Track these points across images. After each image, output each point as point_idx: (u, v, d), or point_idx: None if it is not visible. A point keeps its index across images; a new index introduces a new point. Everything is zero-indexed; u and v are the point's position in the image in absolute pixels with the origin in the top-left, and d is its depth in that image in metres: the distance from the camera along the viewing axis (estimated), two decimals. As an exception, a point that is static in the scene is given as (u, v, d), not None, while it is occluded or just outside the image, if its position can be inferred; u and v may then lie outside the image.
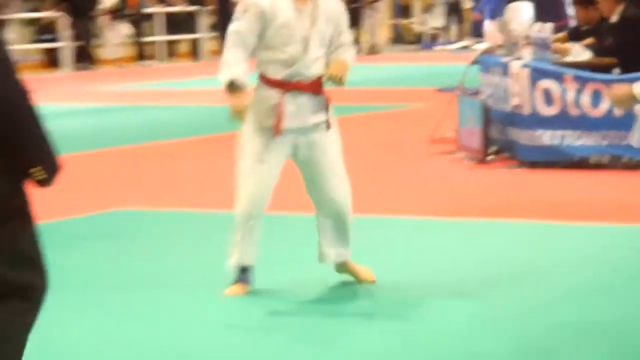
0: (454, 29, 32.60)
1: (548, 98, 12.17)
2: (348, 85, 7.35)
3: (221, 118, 8.36)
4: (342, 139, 7.39)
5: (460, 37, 32.28)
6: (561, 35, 14.12)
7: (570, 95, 12.06)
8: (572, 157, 12.09)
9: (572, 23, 16.34)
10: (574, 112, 12.09)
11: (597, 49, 12.91)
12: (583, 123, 12.05)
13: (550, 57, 12.63)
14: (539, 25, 13.07)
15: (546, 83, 12.20)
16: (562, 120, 12.10)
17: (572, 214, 9.82)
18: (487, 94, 12.87)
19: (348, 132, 8.22)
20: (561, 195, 10.81)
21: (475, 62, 14.25)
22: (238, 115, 7.20)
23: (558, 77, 12.12)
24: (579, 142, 12.08)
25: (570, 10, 16.85)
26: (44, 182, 4.38)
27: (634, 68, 11.72)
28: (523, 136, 12.31)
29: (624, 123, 11.80)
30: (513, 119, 12.43)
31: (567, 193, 10.92)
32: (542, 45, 12.46)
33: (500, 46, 13.42)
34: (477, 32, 29.88)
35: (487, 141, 12.53)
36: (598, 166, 12.19)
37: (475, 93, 13.40)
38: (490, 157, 12.41)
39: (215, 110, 16.04)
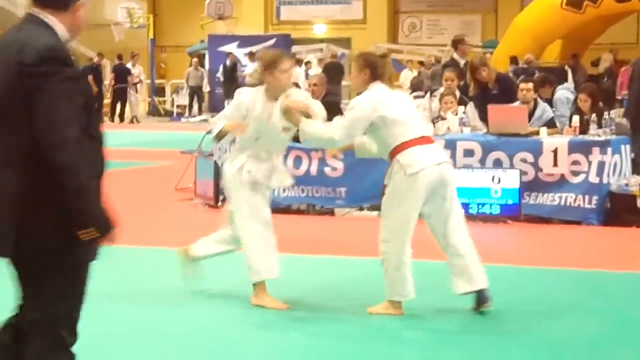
0: (195, 106, 32.63)
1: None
2: (115, 146, 7.30)
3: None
4: (112, 189, 7.33)
5: (199, 112, 32.33)
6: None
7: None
8: (280, 204, 12.27)
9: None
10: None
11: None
12: (288, 179, 12.23)
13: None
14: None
15: (262, 149, 12.35)
16: (273, 177, 12.26)
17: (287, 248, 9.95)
18: (218, 155, 12.96)
19: (117, 183, 8.15)
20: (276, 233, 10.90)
21: (209, 131, 14.31)
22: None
23: (270, 145, 12.28)
24: (284, 194, 12.26)
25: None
26: (94, 239, 3.95)
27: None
28: (244, 188, 12.43)
29: (318, 180, 12.04)
30: (237, 175, 12.54)
31: (281, 231, 11.03)
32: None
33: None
34: (212, 108, 30.06)
35: (218, 191, 12.62)
36: (298, 211, 12.41)
37: (210, 154, 13.47)
38: (220, 203, 12.47)
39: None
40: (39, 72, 3.85)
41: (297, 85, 14.85)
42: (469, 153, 11.66)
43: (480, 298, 7.14)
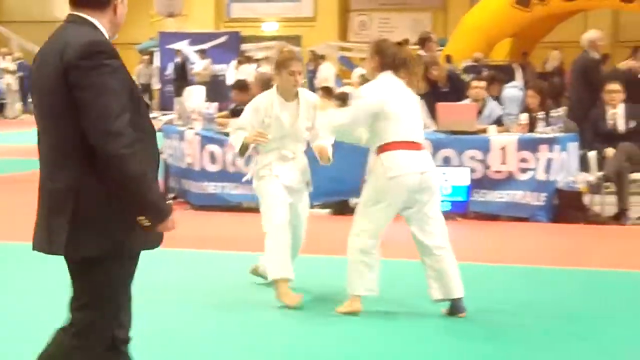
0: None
1: (213, 158, 12.31)
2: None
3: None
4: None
5: (150, 110, 32.16)
6: (225, 112, 14.30)
7: (229, 156, 12.23)
8: (230, 202, 12.25)
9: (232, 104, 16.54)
10: (231, 169, 12.25)
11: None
12: (238, 177, 12.22)
13: (215, 128, 12.77)
14: (207, 104, 13.23)
15: (211, 147, 12.34)
16: (223, 175, 12.24)
17: (238, 246, 9.95)
18: (168, 154, 12.91)
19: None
20: (221, 231, 10.91)
21: (159, 130, 14.26)
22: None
23: (220, 143, 12.27)
24: (235, 192, 12.24)
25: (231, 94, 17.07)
26: (148, 228, 3.99)
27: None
28: (194, 186, 12.40)
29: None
30: (187, 173, 12.51)
31: (226, 229, 11.03)
32: (209, 119, 12.60)
33: (178, 118, 13.50)
34: (162, 106, 29.91)
35: (167, 189, 12.57)
36: (249, 209, 12.38)
37: (160, 153, 13.39)
38: (169, 202, 12.40)
39: None
40: (83, 67, 3.91)
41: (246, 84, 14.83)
42: (418, 150, 11.68)
43: (455, 307, 7.03)
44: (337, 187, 11.60)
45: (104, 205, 3.96)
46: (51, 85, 3.97)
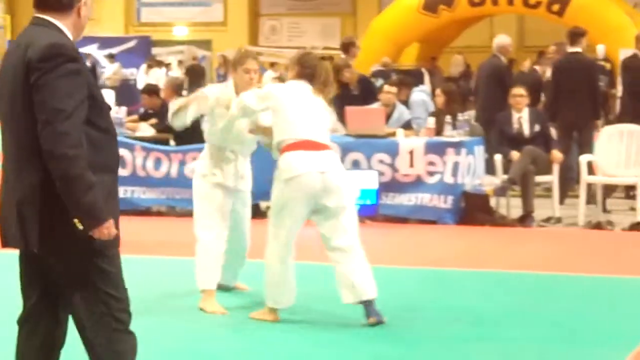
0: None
1: (122, 163, 12.21)
2: None
3: None
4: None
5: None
6: (134, 117, 14.24)
7: (139, 161, 12.16)
8: (139, 206, 12.18)
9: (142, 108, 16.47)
10: (141, 173, 12.18)
11: (158, 128, 13.08)
12: (148, 181, 12.16)
13: (125, 132, 12.70)
14: (116, 108, 13.14)
15: (121, 151, 12.19)
16: (133, 179, 12.16)
17: (148, 250, 9.89)
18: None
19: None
20: (131, 236, 10.80)
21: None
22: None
23: (130, 147, 12.19)
24: (144, 196, 12.17)
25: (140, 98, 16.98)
26: (83, 231, 4.03)
27: (186, 142, 11.95)
28: (103, 191, 12.30)
29: (179, 181, 11.97)
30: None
31: (136, 234, 10.95)
32: (118, 123, 12.52)
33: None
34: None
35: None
36: (159, 214, 12.33)
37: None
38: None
39: None
40: (41, 68, 4.01)
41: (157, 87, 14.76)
42: (327, 154, 11.74)
43: (366, 311, 6.91)
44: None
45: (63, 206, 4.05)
46: (15, 86, 4.08)
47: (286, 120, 6.91)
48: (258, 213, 12.15)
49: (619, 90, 14.90)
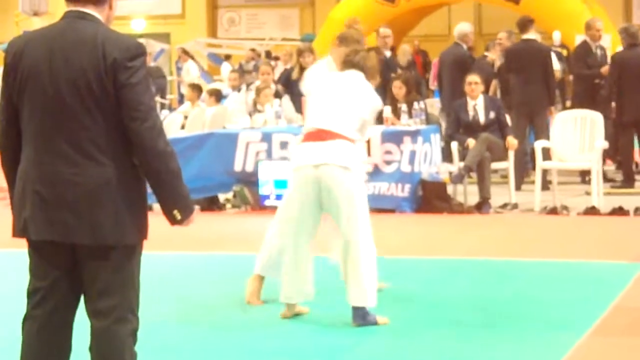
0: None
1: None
2: None
3: None
4: None
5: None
6: None
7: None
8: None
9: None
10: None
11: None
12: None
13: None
14: None
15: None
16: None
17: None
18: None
19: None
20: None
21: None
22: None
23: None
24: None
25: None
26: (179, 222, 4.20)
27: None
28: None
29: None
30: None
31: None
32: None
33: None
34: None
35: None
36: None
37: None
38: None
39: None
40: (132, 66, 4.11)
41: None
42: (285, 145, 11.78)
43: (352, 314, 6.65)
44: (204, 183, 11.61)
45: (135, 200, 4.18)
46: (92, 78, 4.09)
47: (308, 108, 6.74)
48: (215, 205, 12.20)
49: (574, 76, 15.05)
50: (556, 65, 14.94)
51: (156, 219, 4.50)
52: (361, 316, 6.62)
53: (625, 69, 13.02)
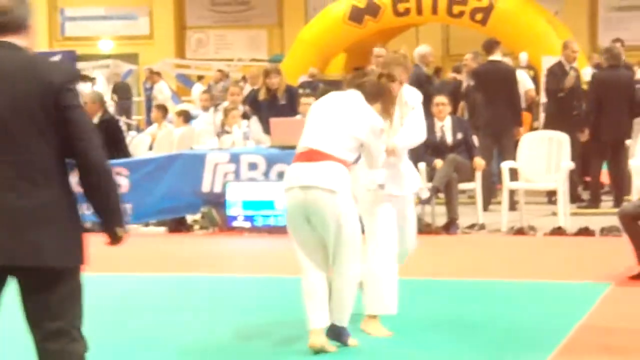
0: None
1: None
2: None
3: None
4: None
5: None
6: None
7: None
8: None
9: None
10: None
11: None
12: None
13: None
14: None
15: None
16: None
17: None
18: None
19: None
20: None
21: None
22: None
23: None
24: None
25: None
26: (118, 240, 4.29)
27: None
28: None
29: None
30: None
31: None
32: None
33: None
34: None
35: None
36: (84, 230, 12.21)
37: None
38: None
39: None
40: (72, 89, 4.19)
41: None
42: (253, 166, 11.79)
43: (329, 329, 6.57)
44: (171, 203, 11.59)
45: (76, 221, 4.21)
46: (34, 102, 4.13)
47: (304, 127, 6.61)
48: (183, 226, 12.18)
49: (542, 96, 15.15)
50: (530, 84, 15.06)
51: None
52: (337, 334, 6.59)
53: (607, 89, 13.07)
